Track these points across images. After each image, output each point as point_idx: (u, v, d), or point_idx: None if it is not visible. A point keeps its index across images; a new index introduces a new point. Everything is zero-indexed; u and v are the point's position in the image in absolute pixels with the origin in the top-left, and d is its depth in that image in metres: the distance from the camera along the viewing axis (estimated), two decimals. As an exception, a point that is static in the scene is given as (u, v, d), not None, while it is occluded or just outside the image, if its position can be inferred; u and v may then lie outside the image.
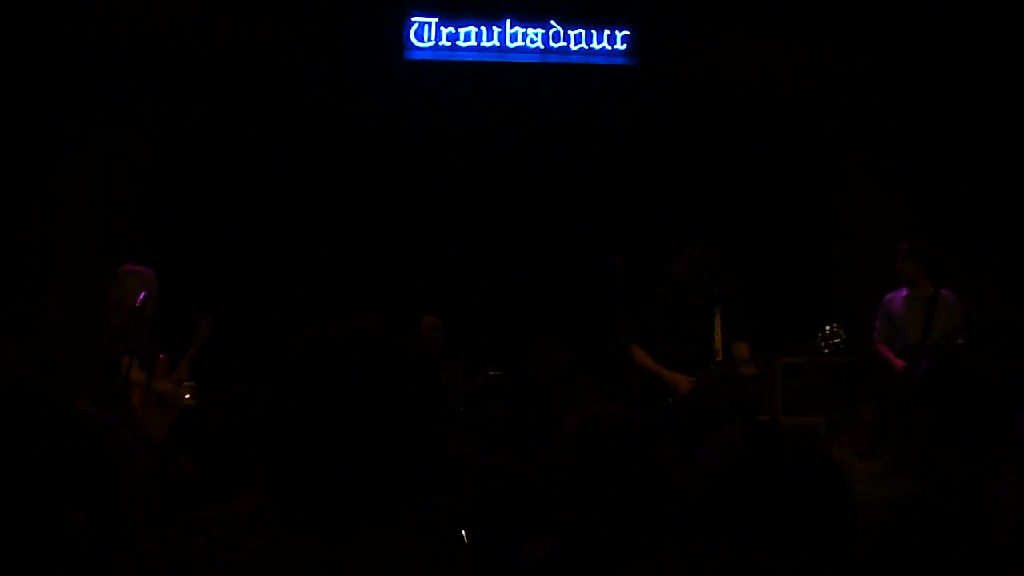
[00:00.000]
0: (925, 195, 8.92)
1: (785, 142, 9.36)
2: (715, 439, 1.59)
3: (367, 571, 1.55)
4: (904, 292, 7.41)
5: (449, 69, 8.63)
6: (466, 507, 3.33)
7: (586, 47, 8.68)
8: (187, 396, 6.04)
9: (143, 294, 5.59)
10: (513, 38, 8.58)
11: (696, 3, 8.73)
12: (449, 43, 8.52)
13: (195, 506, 2.32)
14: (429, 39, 8.49)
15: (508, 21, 8.54)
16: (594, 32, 8.67)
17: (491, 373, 7.84)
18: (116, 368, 5.54)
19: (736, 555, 0.72)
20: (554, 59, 8.66)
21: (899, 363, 7.13)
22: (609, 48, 8.72)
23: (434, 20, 8.49)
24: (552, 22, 8.59)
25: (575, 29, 8.64)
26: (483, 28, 8.53)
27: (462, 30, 8.51)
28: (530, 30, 8.58)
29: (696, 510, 1.51)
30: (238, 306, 7.95)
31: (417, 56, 8.51)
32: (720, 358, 5.89)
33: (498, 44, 8.56)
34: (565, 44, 8.63)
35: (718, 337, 5.90)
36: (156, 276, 5.95)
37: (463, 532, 3.33)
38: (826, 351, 5.90)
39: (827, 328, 5.89)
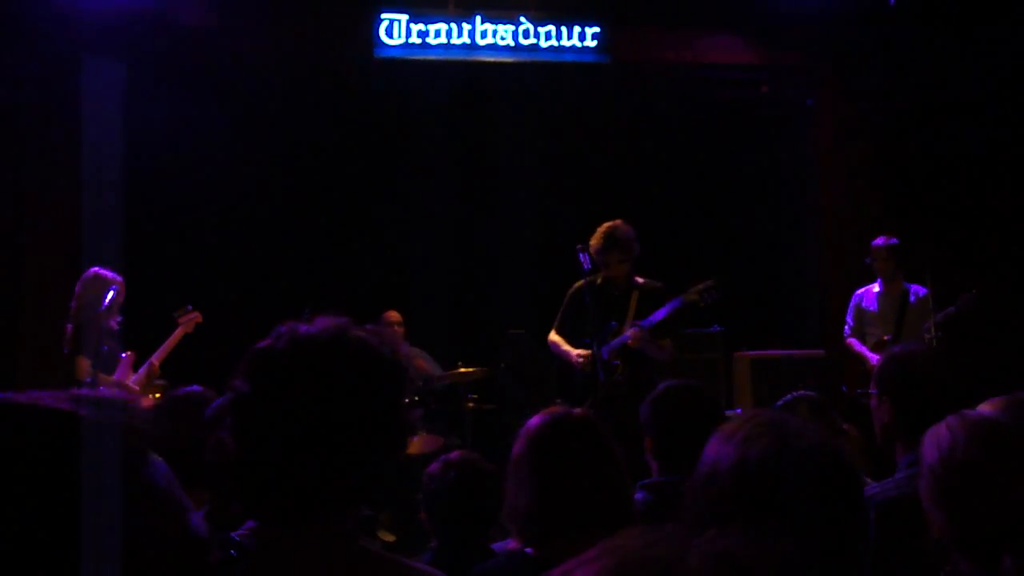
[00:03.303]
0: (898, 191, 9.00)
1: (756, 138, 9.42)
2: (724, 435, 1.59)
3: (326, 564, 1.58)
4: (876, 288, 7.49)
5: (419, 66, 8.62)
6: (437, 504, 3.34)
7: (556, 44, 8.67)
8: (157, 395, 6.04)
9: (111, 294, 5.59)
10: (483, 35, 8.57)
11: (666, -1, 8.78)
12: (419, 40, 8.50)
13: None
14: (399, 36, 8.47)
15: (478, 18, 8.53)
16: (564, 29, 8.67)
17: (462, 370, 7.85)
18: (72, 368, 5.56)
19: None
20: (524, 56, 8.66)
21: (873, 357, 7.20)
22: (579, 45, 8.72)
23: (404, 17, 8.47)
24: (522, 19, 8.59)
25: (545, 26, 8.63)
26: (453, 25, 8.51)
27: (432, 27, 8.49)
28: (500, 27, 8.57)
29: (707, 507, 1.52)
30: (213, 304, 7.94)
31: (387, 53, 8.49)
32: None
33: (468, 41, 8.54)
34: (535, 41, 8.62)
35: (629, 318, 5.99)
36: (123, 282, 5.98)
37: (431, 529, 3.35)
38: (702, 305, 6.00)
39: (700, 284, 6.02)
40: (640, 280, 6.11)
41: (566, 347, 6.14)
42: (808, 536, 1.38)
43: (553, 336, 6.26)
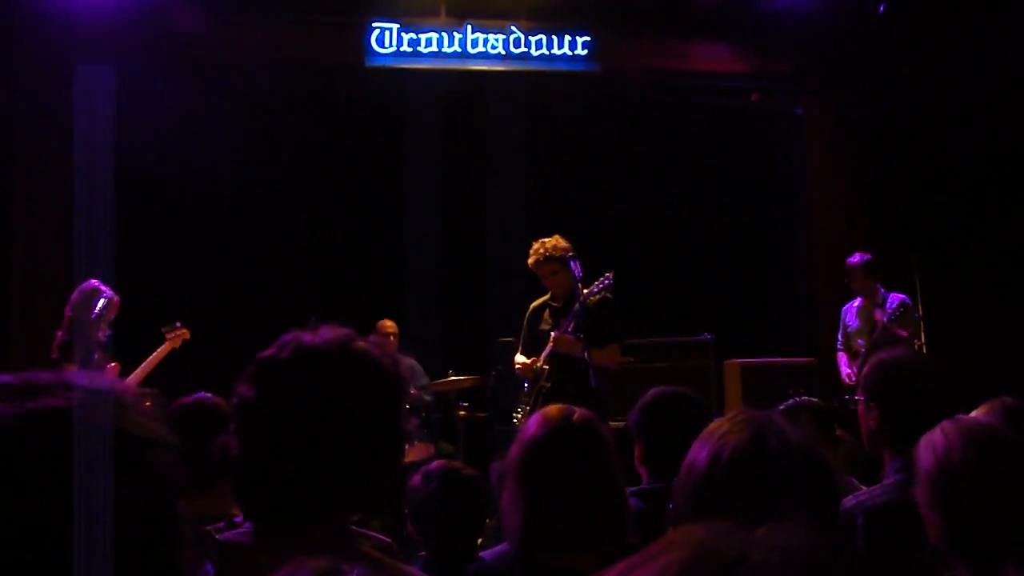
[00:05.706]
0: (886, 198, 9.05)
1: (746, 146, 9.44)
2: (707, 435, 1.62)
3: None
4: (857, 302, 7.67)
5: (410, 75, 8.63)
6: (422, 516, 3.34)
7: (547, 52, 8.70)
8: (148, 404, 6.04)
9: (101, 302, 5.62)
10: (474, 44, 8.58)
11: (656, 8, 8.79)
12: (410, 49, 8.51)
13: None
14: (390, 45, 8.48)
15: (469, 27, 8.55)
16: (555, 37, 8.70)
17: (452, 378, 7.85)
18: None
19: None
20: (515, 64, 8.68)
21: (844, 371, 7.42)
22: (570, 53, 8.75)
23: (395, 26, 8.48)
24: (513, 28, 8.61)
25: (536, 35, 8.66)
26: (444, 34, 8.53)
27: (423, 36, 8.51)
28: (491, 36, 8.59)
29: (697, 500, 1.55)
30: (206, 313, 7.93)
31: (378, 62, 8.50)
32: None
33: (459, 50, 8.57)
34: (526, 50, 8.64)
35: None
36: (118, 300, 6.01)
37: (419, 541, 3.36)
38: (596, 294, 6.02)
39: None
40: (586, 291, 6.09)
41: (517, 361, 6.30)
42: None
43: (516, 357, 6.40)
